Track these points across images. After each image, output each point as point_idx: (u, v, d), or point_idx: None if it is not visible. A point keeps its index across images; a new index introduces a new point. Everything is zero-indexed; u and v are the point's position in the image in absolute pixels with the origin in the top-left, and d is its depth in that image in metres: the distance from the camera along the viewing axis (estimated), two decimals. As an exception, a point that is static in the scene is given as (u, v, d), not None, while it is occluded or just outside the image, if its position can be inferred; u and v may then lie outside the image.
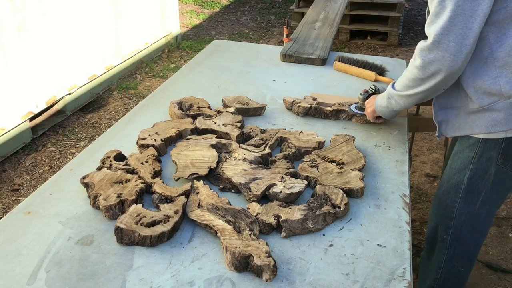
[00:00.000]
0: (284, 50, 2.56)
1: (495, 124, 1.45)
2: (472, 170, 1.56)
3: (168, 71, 4.97)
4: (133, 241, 1.20)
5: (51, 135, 3.73)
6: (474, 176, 1.57)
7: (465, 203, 1.62)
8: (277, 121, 1.89)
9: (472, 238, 1.69)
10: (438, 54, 1.35)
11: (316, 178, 1.46)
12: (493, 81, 1.40)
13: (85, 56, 4.05)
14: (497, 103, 1.42)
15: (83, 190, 1.40)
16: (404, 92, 1.55)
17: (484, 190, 1.57)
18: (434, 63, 1.37)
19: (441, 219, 1.71)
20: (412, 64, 1.45)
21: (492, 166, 1.53)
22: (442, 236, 1.72)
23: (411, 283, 1.12)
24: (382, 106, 1.68)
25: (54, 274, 1.12)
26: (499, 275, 2.45)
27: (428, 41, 1.37)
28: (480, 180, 1.56)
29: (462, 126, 1.54)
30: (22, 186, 3.14)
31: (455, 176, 1.62)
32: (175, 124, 1.74)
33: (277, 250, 1.21)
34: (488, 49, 1.39)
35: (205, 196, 1.34)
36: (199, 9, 7.41)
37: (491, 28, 1.37)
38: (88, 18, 4.02)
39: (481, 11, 1.30)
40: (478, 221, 1.65)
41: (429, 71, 1.40)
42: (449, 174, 1.66)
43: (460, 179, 1.60)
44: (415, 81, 1.47)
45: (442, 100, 1.57)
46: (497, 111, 1.43)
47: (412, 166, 3.30)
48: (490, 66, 1.40)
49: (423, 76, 1.42)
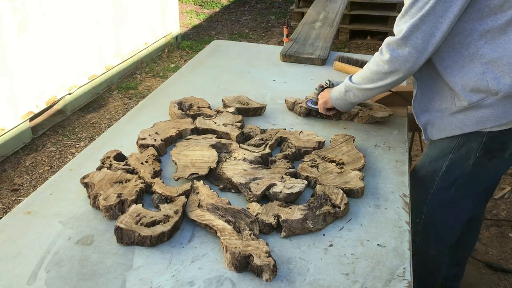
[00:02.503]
0: (284, 50, 2.56)
1: (483, 121, 1.46)
2: (451, 159, 1.59)
3: (168, 71, 4.97)
4: (133, 241, 1.20)
5: (51, 135, 3.73)
6: (453, 165, 1.59)
7: (439, 190, 1.65)
8: (277, 121, 1.89)
9: (445, 222, 1.73)
10: (405, 50, 1.38)
11: (316, 178, 1.46)
12: (480, 77, 1.40)
13: (85, 56, 4.05)
14: (485, 100, 1.43)
15: (83, 190, 1.40)
16: (364, 85, 1.56)
17: (460, 178, 1.61)
18: (400, 58, 1.40)
19: (415, 203, 1.74)
20: (379, 57, 1.47)
21: (472, 157, 1.55)
22: (415, 220, 1.75)
23: (411, 283, 1.12)
24: (339, 99, 1.69)
25: (54, 274, 1.12)
26: (499, 275, 2.45)
27: (397, 36, 1.39)
28: (457, 169, 1.59)
29: (447, 127, 1.55)
30: (22, 186, 3.14)
31: (432, 163, 1.65)
32: (175, 124, 1.74)
33: (277, 250, 1.21)
34: (473, 46, 1.40)
35: (205, 196, 1.34)
36: (199, 9, 7.41)
37: (475, 26, 1.38)
38: (88, 18, 4.02)
39: (451, 13, 1.32)
40: (450, 207, 1.69)
41: (394, 66, 1.42)
42: (424, 161, 1.69)
43: (437, 167, 1.63)
44: (378, 75, 1.49)
45: (424, 104, 1.58)
46: (486, 107, 1.44)
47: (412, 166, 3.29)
48: (476, 63, 1.41)
49: (388, 70, 1.45)
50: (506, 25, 1.35)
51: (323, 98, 1.79)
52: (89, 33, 4.06)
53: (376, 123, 1.86)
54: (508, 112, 1.43)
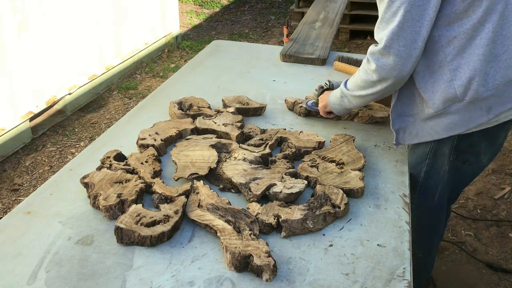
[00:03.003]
0: (284, 50, 2.56)
1: (452, 127, 1.47)
2: (428, 164, 1.61)
3: (168, 71, 4.97)
4: (133, 241, 1.20)
5: (51, 135, 3.73)
6: (430, 170, 1.61)
7: (422, 196, 1.67)
8: (277, 121, 1.89)
9: (430, 228, 1.75)
10: (389, 59, 1.38)
11: (316, 178, 1.46)
12: (448, 84, 1.41)
13: (85, 56, 4.05)
14: (452, 106, 1.43)
15: (83, 190, 1.40)
16: (356, 92, 1.57)
17: (440, 185, 1.63)
18: (386, 67, 1.40)
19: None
20: (366, 66, 1.47)
21: (446, 162, 1.57)
22: None
23: (411, 283, 1.12)
24: (335, 104, 1.69)
25: (54, 274, 1.12)
26: (499, 275, 2.46)
27: (379, 46, 1.40)
28: (436, 175, 1.61)
29: (419, 133, 1.55)
30: (22, 186, 3.14)
31: (411, 170, 1.66)
32: (175, 124, 1.74)
33: (277, 250, 1.21)
34: (441, 53, 1.40)
35: (205, 196, 1.34)
36: (199, 9, 7.41)
37: (443, 32, 1.38)
38: (88, 18, 4.02)
39: (427, 16, 1.33)
40: (435, 213, 1.71)
41: (381, 75, 1.42)
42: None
43: (417, 173, 1.65)
44: (367, 83, 1.49)
45: (399, 108, 1.58)
46: (453, 114, 1.45)
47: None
48: (444, 70, 1.41)
49: (376, 79, 1.45)
50: (472, 30, 1.35)
51: (323, 102, 1.78)
52: (89, 33, 4.06)
53: (376, 123, 1.86)
54: (474, 117, 1.44)
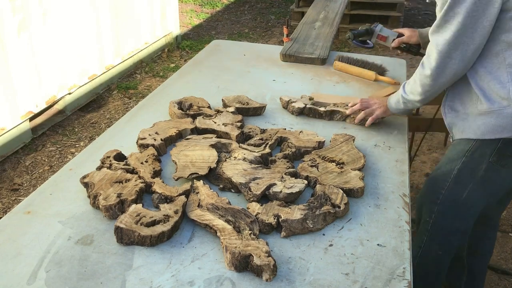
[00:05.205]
0: (284, 50, 2.56)
1: (500, 131, 1.51)
2: (464, 162, 1.62)
3: (168, 71, 4.97)
4: (133, 241, 1.20)
5: (51, 135, 3.73)
6: (464, 168, 1.63)
7: (451, 192, 1.68)
8: (277, 121, 1.89)
9: (453, 225, 1.75)
10: (445, 63, 1.47)
11: (316, 178, 1.46)
12: (504, 85, 1.46)
13: (85, 56, 4.05)
14: (504, 110, 1.47)
15: (83, 190, 1.40)
16: (418, 97, 1.64)
17: (472, 182, 1.63)
18: (443, 72, 1.49)
19: (427, 202, 1.78)
20: (422, 72, 1.56)
21: (484, 162, 1.58)
22: (425, 219, 1.79)
23: (411, 283, 1.12)
24: (399, 110, 1.76)
25: (54, 274, 1.12)
26: (499, 275, 2.45)
27: (435, 51, 1.48)
28: (469, 173, 1.62)
29: (466, 129, 1.59)
30: (22, 186, 3.14)
31: (447, 165, 1.68)
32: (175, 124, 1.74)
33: (277, 250, 1.21)
34: (501, 56, 1.47)
35: (205, 196, 1.34)
36: (199, 9, 7.41)
37: (503, 36, 1.45)
38: (88, 18, 4.02)
39: (482, 24, 1.41)
40: (461, 211, 1.71)
41: (438, 80, 1.52)
42: (442, 162, 1.74)
43: (451, 168, 1.66)
44: (425, 87, 1.58)
45: (452, 103, 1.64)
46: (504, 117, 1.48)
47: (412, 166, 3.30)
48: (502, 71, 1.47)
49: (434, 83, 1.54)
50: None
51: (381, 108, 1.80)
52: (89, 33, 4.06)
53: (376, 123, 1.86)
54: None
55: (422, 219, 1.81)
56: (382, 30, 2.06)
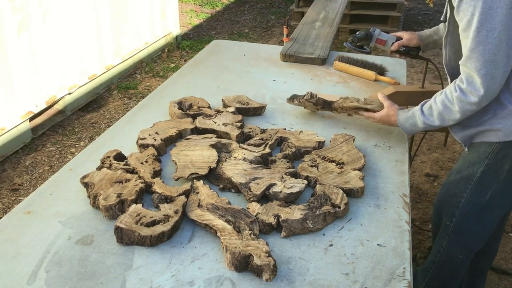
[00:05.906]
0: (284, 50, 2.56)
1: None
2: (487, 164, 1.60)
3: (168, 71, 4.97)
4: (133, 241, 1.20)
5: (51, 135, 3.73)
6: (488, 170, 1.60)
7: (474, 195, 1.65)
8: (277, 121, 1.89)
9: (475, 228, 1.72)
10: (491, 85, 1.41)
11: (316, 178, 1.45)
12: None
13: (85, 56, 4.05)
14: None
15: (83, 190, 1.40)
16: (452, 122, 1.57)
17: (495, 184, 1.61)
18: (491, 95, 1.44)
19: (447, 206, 1.75)
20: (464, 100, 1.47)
21: (507, 162, 1.56)
22: (446, 223, 1.75)
23: (411, 282, 1.12)
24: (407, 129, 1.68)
25: (54, 274, 1.12)
26: (499, 275, 2.45)
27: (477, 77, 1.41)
28: (493, 175, 1.60)
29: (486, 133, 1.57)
30: (22, 186, 3.14)
31: (468, 168, 1.65)
32: (175, 124, 1.74)
33: (277, 250, 1.21)
34: None
35: (205, 196, 1.34)
36: (199, 9, 7.41)
37: None
38: (88, 18, 4.02)
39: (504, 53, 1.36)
40: (484, 214, 1.68)
41: (484, 104, 1.47)
42: (461, 165, 1.70)
43: (473, 172, 1.63)
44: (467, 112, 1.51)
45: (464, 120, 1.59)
46: None
47: (412, 166, 3.30)
48: None
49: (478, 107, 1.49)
50: None
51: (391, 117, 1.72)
52: (89, 33, 4.06)
53: (375, 123, 1.86)
54: None
55: (442, 223, 1.78)
56: (381, 34, 2.05)
